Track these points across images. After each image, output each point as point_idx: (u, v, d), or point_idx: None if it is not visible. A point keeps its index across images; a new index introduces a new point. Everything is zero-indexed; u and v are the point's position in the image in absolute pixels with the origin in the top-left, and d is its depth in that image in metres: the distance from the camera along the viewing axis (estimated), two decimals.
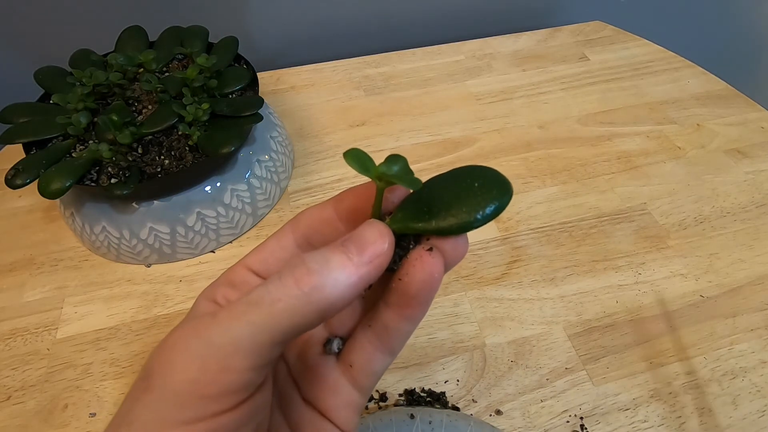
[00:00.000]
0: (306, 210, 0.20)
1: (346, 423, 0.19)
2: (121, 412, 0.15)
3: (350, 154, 0.17)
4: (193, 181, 0.43)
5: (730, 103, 0.57)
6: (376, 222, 0.18)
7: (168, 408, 0.14)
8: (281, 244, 0.20)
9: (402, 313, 0.18)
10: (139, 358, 0.39)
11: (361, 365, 0.19)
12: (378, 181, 0.17)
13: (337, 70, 0.64)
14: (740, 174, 0.50)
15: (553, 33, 0.68)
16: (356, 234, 0.17)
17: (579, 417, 0.35)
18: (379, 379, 0.21)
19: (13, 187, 0.38)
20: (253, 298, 0.15)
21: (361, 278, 0.16)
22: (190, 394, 0.14)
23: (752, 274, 0.42)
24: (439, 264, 0.17)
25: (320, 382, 0.19)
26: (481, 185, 0.18)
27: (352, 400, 0.19)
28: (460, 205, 0.18)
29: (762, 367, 0.37)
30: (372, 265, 0.16)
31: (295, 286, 0.15)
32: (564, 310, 0.40)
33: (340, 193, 0.20)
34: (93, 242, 0.44)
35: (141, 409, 0.14)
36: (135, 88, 0.45)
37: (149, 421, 0.14)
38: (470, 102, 0.59)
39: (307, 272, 0.15)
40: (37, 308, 0.42)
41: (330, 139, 0.55)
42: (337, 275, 0.16)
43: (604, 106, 0.58)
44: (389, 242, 0.17)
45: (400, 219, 0.18)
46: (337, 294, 0.15)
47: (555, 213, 0.47)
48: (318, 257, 0.16)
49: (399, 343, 0.19)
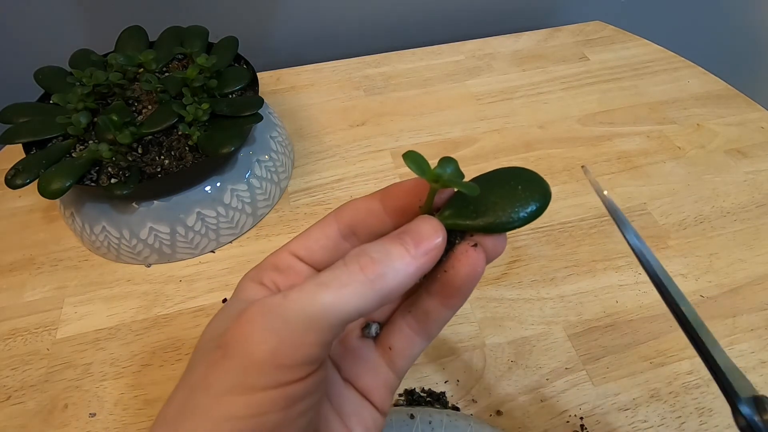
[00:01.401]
0: (350, 202, 0.21)
1: (382, 402, 0.21)
2: (192, 378, 0.17)
3: (409, 157, 0.18)
4: (193, 181, 0.43)
5: (730, 103, 0.57)
6: (431, 218, 0.19)
7: (247, 374, 0.15)
8: (325, 232, 0.21)
9: (444, 302, 0.20)
10: (139, 358, 0.39)
11: (401, 348, 0.21)
12: (434, 183, 0.19)
13: (337, 70, 0.64)
14: (740, 174, 0.50)
15: (553, 33, 0.68)
16: (413, 228, 0.18)
17: (579, 417, 0.35)
18: (413, 363, 0.22)
19: (13, 187, 0.38)
20: (323, 281, 0.16)
21: (418, 268, 0.17)
22: (268, 363, 0.15)
23: (752, 274, 0.42)
24: (482, 259, 0.19)
25: (361, 364, 0.21)
26: (524, 188, 0.20)
27: (389, 381, 0.21)
28: (504, 206, 0.19)
29: (762, 367, 0.37)
30: (427, 257, 0.18)
31: (360, 273, 0.17)
32: (564, 310, 0.40)
33: (386, 188, 0.21)
34: (93, 242, 0.44)
35: (219, 375, 0.16)
36: (135, 88, 0.45)
37: (228, 385, 0.15)
38: (470, 102, 0.59)
39: (371, 261, 0.17)
40: (37, 308, 0.42)
41: (330, 139, 0.55)
42: (397, 265, 0.17)
43: (604, 106, 0.58)
44: (443, 237, 0.18)
45: (449, 216, 0.19)
46: (397, 282, 0.17)
47: (555, 213, 0.47)
48: (379, 248, 0.17)
49: (437, 328, 0.21)
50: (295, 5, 0.65)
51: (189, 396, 0.16)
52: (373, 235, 0.20)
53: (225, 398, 0.15)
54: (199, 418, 0.15)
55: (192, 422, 0.15)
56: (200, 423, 0.15)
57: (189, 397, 0.16)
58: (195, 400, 0.16)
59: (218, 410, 0.15)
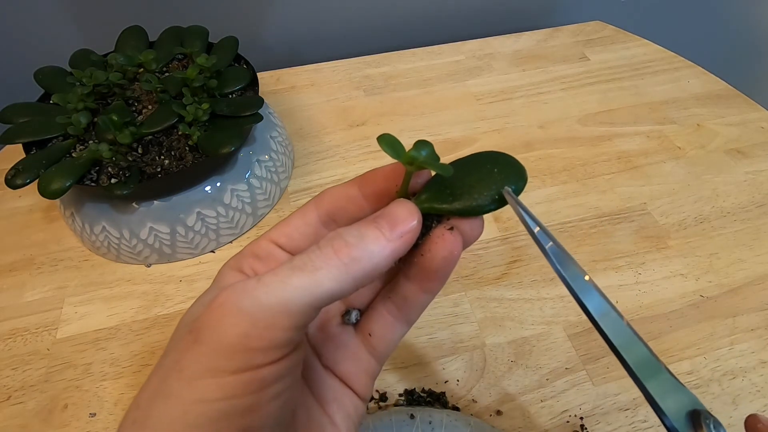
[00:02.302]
0: (329, 189, 0.21)
1: (363, 389, 0.21)
2: (166, 363, 0.17)
3: (383, 139, 0.18)
4: (193, 181, 0.43)
5: (730, 103, 0.57)
6: (406, 201, 0.19)
7: (219, 358, 0.15)
8: (305, 220, 0.21)
9: (422, 287, 0.20)
10: (139, 358, 0.39)
11: (381, 334, 0.21)
12: (408, 166, 0.19)
13: (337, 70, 0.64)
14: (740, 174, 0.50)
15: (553, 33, 0.68)
16: (388, 211, 0.18)
17: (579, 417, 0.35)
18: (395, 349, 0.22)
19: (13, 187, 0.38)
20: (297, 264, 0.17)
21: (393, 251, 0.17)
22: (239, 347, 0.15)
23: (752, 274, 0.42)
24: (459, 242, 0.19)
25: (341, 350, 0.21)
26: (500, 171, 0.19)
27: (369, 367, 0.21)
28: (480, 189, 0.19)
29: (762, 367, 0.37)
30: (402, 240, 0.18)
31: (334, 256, 0.17)
32: (564, 310, 0.40)
33: (364, 174, 0.21)
34: (93, 242, 0.44)
35: (191, 359, 0.16)
36: (135, 88, 0.45)
37: (200, 369, 0.15)
38: (470, 102, 0.59)
39: (345, 245, 0.17)
40: (37, 308, 0.42)
41: (330, 139, 0.55)
42: (371, 248, 0.17)
43: (604, 106, 0.58)
44: (417, 219, 0.18)
45: (425, 200, 0.20)
46: (372, 265, 0.17)
47: (555, 213, 0.47)
48: (354, 231, 0.17)
49: (416, 313, 0.21)
50: (295, 5, 0.65)
51: (162, 381, 0.16)
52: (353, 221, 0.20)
53: (197, 382, 0.15)
54: (171, 402, 0.15)
55: (164, 406, 0.16)
56: (172, 406, 0.15)
57: (162, 383, 0.16)
58: (167, 385, 0.16)
59: (190, 393, 0.15)
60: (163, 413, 0.15)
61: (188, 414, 0.15)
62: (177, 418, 0.15)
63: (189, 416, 0.15)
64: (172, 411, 0.15)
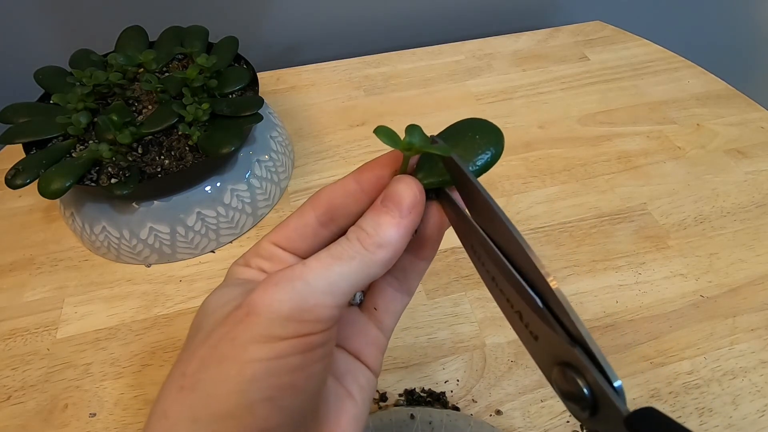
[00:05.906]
0: (325, 188, 0.22)
1: (374, 361, 0.23)
2: (216, 333, 0.18)
3: (381, 131, 0.20)
4: (193, 181, 0.43)
5: (730, 103, 0.57)
6: (404, 176, 0.20)
7: (273, 326, 0.17)
8: (303, 220, 0.22)
9: (419, 255, 0.23)
10: (139, 358, 0.39)
11: (385, 306, 0.23)
12: (406, 151, 0.20)
13: (337, 70, 0.64)
14: (740, 174, 0.50)
15: (553, 33, 0.68)
16: (390, 192, 0.20)
17: None
18: (398, 320, 0.24)
19: (13, 187, 0.38)
20: (335, 254, 0.19)
21: (407, 228, 0.19)
22: (292, 318, 0.17)
23: (752, 274, 0.42)
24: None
25: (349, 327, 0.23)
26: (481, 137, 0.22)
27: (377, 340, 0.23)
28: (467, 158, 0.21)
29: (762, 367, 0.37)
30: (412, 215, 0.20)
31: (361, 247, 0.19)
32: None
33: (360, 167, 0.22)
34: (93, 242, 0.44)
35: (244, 328, 0.17)
36: (135, 88, 0.45)
37: (255, 335, 0.17)
38: (470, 102, 0.59)
39: (367, 236, 0.19)
40: (37, 308, 0.42)
41: (330, 139, 0.55)
42: (390, 233, 0.19)
43: (604, 106, 0.58)
44: (419, 190, 0.20)
45: (422, 177, 0.21)
46: (393, 248, 0.19)
47: (555, 213, 0.47)
48: (371, 222, 0.19)
49: (415, 282, 0.24)
50: (296, 5, 0.65)
51: (212, 349, 0.18)
52: (351, 216, 0.21)
53: (252, 345, 0.17)
54: (226, 364, 0.17)
55: (217, 369, 0.17)
56: (227, 367, 0.17)
57: (212, 350, 0.18)
58: (219, 351, 0.17)
59: (245, 354, 0.17)
60: (216, 375, 0.17)
61: (244, 371, 0.17)
62: (233, 376, 0.17)
63: (245, 373, 0.17)
64: (227, 371, 0.17)
